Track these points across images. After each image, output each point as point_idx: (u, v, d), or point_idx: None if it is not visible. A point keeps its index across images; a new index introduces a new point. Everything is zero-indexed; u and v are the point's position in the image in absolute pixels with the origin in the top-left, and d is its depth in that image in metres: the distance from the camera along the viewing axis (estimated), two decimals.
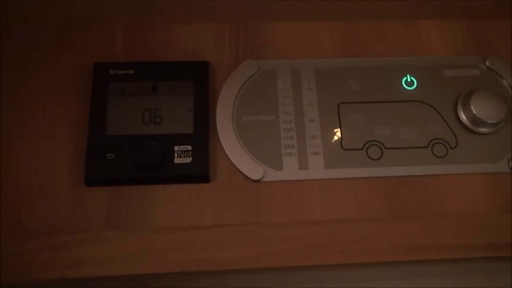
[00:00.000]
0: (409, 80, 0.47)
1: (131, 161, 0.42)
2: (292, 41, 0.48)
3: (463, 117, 0.45)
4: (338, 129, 0.45)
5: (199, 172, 0.43)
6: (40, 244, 0.40)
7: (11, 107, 0.44)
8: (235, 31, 0.48)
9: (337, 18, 0.49)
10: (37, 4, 0.44)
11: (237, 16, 0.48)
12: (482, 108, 0.44)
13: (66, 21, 0.47)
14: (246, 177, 0.43)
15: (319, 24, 0.49)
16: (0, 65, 0.46)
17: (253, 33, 0.48)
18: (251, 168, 0.43)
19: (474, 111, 0.44)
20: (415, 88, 0.47)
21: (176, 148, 0.43)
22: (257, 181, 0.43)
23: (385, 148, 0.44)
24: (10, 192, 0.42)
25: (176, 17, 0.47)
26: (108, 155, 0.42)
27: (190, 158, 0.43)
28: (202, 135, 0.44)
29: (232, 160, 0.43)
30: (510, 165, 0.44)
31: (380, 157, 0.44)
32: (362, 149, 0.44)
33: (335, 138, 0.45)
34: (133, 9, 0.46)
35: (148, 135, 0.43)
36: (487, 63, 0.48)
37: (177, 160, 0.43)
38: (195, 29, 0.48)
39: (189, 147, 0.43)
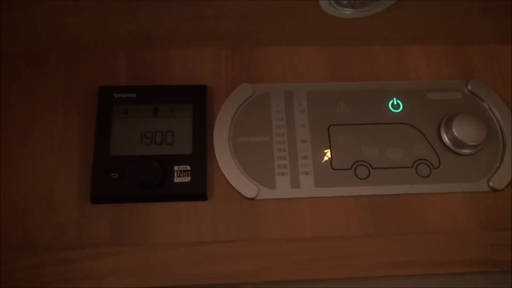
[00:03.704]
0: (395, 103, 0.50)
1: (133, 180, 0.45)
2: (285, 66, 0.51)
3: (445, 139, 0.48)
4: (328, 150, 0.48)
5: (197, 191, 0.45)
6: (47, 259, 0.43)
7: (21, 129, 0.47)
8: (232, 56, 0.51)
9: (328, 43, 0.52)
10: (45, 30, 0.47)
11: (233, 42, 0.51)
12: (463, 131, 0.47)
13: (73, 47, 0.50)
14: (241, 195, 0.46)
15: (311, 49, 0.52)
16: (11, 89, 0.48)
17: (248, 58, 0.51)
18: (246, 187, 0.46)
19: (455, 134, 0.47)
20: (401, 111, 0.49)
21: (176, 167, 0.46)
22: (252, 199, 0.46)
23: (372, 168, 0.47)
24: (19, 209, 0.45)
25: (176, 43, 0.50)
26: (112, 174, 0.45)
27: (189, 177, 0.45)
28: (200, 156, 0.46)
29: (228, 179, 0.46)
30: (490, 184, 0.47)
31: (367, 177, 0.47)
32: (350, 169, 0.47)
33: (325, 158, 0.47)
34: (136, 35, 0.49)
35: (150, 155, 0.46)
36: (469, 87, 0.50)
37: (176, 179, 0.45)
38: (194, 54, 0.51)
39: (188, 167, 0.46)
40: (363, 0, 0.44)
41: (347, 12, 0.45)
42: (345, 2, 0.44)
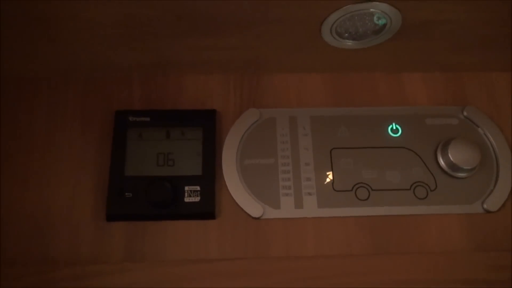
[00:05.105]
0: (394, 128, 0.52)
1: (146, 199, 0.47)
2: (290, 92, 0.54)
3: (442, 162, 0.50)
4: (330, 172, 0.50)
5: (206, 210, 0.48)
6: (65, 274, 0.45)
7: (41, 150, 0.50)
8: (240, 82, 0.54)
9: (331, 70, 0.55)
10: (64, 57, 0.50)
11: (241, 69, 0.54)
12: (458, 155, 0.49)
13: (90, 73, 0.53)
14: (248, 214, 0.48)
15: (315, 76, 0.55)
16: (31, 112, 0.52)
17: (255, 84, 0.54)
18: (252, 207, 0.48)
19: (451, 158, 0.49)
20: (399, 136, 0.52)
21: (186, 188, 0.48)
22: (257, 218, 0.48)
23: (372, 189, 0.49)
24: (37, 225, 0.47)
25: (188, 70, 0.53)
26: (126, 193, 0.48)
27: (199, 197, 0.48)
28: (210, 177, 0.49)
29: (235, 199, 0.49)
30: (484, 206, 0.49)
31: (367, 198, 0.49)
32: (351, 190, 0.49)
33: (328, 180, 0.50)
34: (149, 63, 0.52)
35: (162, 176, 0.48)
36: (465, 113, 0.53)
37: (187, 199, 0.48)
38: (204, 80, 0.54)
39: (198, 188, 0.48)
40: (363, 33, 0.47)
41: (349, 43, 0.48)
42: (346, 35, 0.47)
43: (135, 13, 0.43)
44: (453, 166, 0.49)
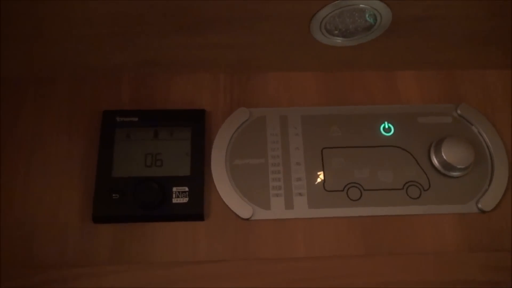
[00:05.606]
0: (386, 126, 0.51)
1: (134, 200, 0.46)
2: (281, 91, 0.53)
3: (435, 161, 0.49)
4: (321, 172, 0.49)
5: (195, 211, 0.47)
6: (51, 277, 0.44)
7: (27, 150, 0.49)
8: (229, 81, 0.53)
9: (322, 69, 0.54)
10: (51, 56, 0.50)
11: (231, 68, 0.53)
12: (452, 154, 0.48)
13: (78, 72, 0.52)
14: (237, 215, 0.47)
15: (306, 74, 0.54)
16: (17, 112, 0.51)
17: (245, 83, 0.53)
18: (242, 208, 0.47)
19: (444, 157, 0.48)
20: (392, 134, 0.51)
21: (174, 189, 0.48)
22: (247, 219, 0.47)
23: (364, 189, 0.49)
24: (24, 227, 0.47)
25: (176, 69, 0.53)
26: (113, 195, 0.47)
27: (187, 198, 0.47)
28: (198, 177, 0.48)
29: (224, 200, 0.48)
30: (479, 206, 0.48)
31: (359, 198, 0.48)
32: (342, 190, 0.48)
33: (319, 180, 0.49)
34: (138, 62, 0.51)
35: (150, 177, 0.48)
36: (459, 111, 0.52)
37: (175, 200, 0.47)
38: (193, 80, 0.53)
39: (186, 188, 0.48)
40: (353, 30, 0.46)
41: (338, 41, 0.48)
42: (336, 32, 0.46)
43: (123, 12, 0.42)
44: (447, 165, 0.48)
